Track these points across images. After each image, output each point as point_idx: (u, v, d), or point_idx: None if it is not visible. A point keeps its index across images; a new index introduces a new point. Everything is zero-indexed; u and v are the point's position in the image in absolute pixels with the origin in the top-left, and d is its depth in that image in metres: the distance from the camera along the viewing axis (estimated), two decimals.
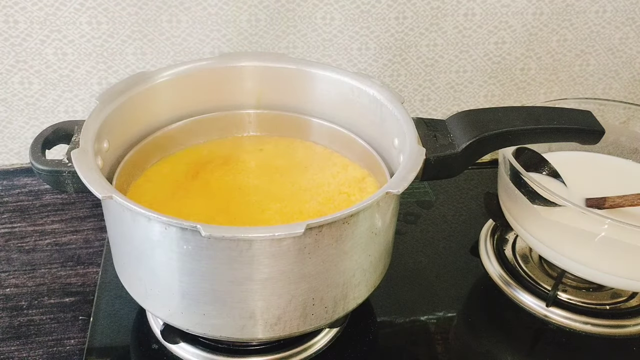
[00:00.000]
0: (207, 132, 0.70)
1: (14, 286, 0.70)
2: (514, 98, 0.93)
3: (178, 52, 0.82)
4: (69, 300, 0.69)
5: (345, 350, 0.64)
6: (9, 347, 0.63)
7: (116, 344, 0.64)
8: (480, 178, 0.86)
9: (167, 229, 0.50)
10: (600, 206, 0.68)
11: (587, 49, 0.90)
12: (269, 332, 0.55)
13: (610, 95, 0.94)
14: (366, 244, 0.55)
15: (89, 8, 0.78)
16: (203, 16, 0.80)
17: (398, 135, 0.61)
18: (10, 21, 0.77)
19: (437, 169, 0.59)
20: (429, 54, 0.87)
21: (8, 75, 0.81)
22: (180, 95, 0.67)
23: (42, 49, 0.80)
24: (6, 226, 0.77)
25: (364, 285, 0.58)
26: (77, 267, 0.72)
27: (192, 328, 0.56)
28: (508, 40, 0.88)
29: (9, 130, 0.85)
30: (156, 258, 0.53)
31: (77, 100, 0.84)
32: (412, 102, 0.91)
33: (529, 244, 0.69)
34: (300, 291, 0.53)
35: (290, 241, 0.50)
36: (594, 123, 0.62)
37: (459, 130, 0.60)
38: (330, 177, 0.67)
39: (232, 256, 0.50)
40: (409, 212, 0.81)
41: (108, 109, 0.60)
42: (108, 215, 0.58)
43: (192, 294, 0.53)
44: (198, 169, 0.67)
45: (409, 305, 0.69)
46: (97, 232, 0.77)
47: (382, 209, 0.55)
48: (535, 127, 0.61)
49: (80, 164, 0.53)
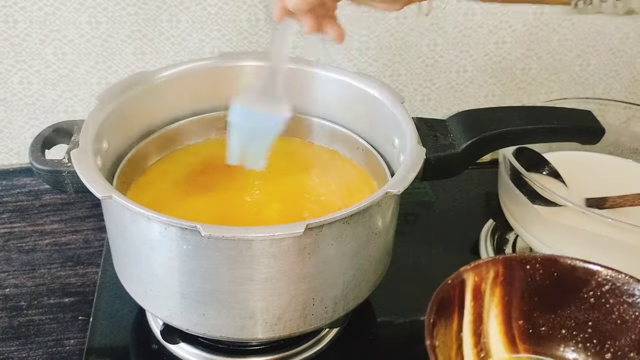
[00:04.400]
0: (207, 132, 0.70)
1: (13, 286, 0.70)
2: (514, 98, 0.93)
3: (178, 52, 0.82)
4: (69, 300, 0.68)
5: (345, 350, 0.64)
6: (9, 347, 0.63)
7: (116, 344, 0.63)
8: (480, 178, 0.86)
9: (166, 229, 0.50)
10: (600, 206, 0.68)
11: (587, 49, 0.90)
12: (269, 332, 0.55)
13: (610, 95, 0.94)
14: (366, 244, 0.55)
15: (89, 8, 0.78)
16: (203, 16, 0.80)
17: (398, 135, 0.61)
18: (9, 21, 0.77)
19: (437, 169, 0.59)
20: (429, 54, 0.87)
21: (8, 75, 0.81)
22: (180, 95, 0.67)
23: (41, 49, 0.80)
24: (6, 226, 0.77)
25: (364, 285, 0.58)
26: (76, 267, 0.72)
27: (191, 328, 0.56)
28: (508, 40, 0.88)
29: (8, 130, 0.85)
30: (156, 258, 0.53)
31: (76, 100, 0.84)
32: (412, 102, 0.91)
33: (529, 244, 0.69)
34: (300, 291, 0.53)
35: (290, 241, 0.50)
36: (594, 123, 0.62)
37: (459, 130, 0.60)
38: (331, 177, 0.67)
39: (232, 256, 0.50)
40: (409, 212, 0.81)
41: (108, 109, 0.60)
42: (108, 215, 0.57)
43: (191, 294, 0.53)
44: (198, 169, 0.67)
45: (409, 305, 0.69)
46: (97, 232, 0.77)
47: (382, 209, 0.55)
48: (536, 127, 0.61)
49: (80, 164, 0.53)
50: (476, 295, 0.44)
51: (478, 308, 0.44)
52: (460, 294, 0.43)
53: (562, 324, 0.44)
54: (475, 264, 0.46)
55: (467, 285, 0.43)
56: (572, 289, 0.43)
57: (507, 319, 0.45)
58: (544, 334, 0.44)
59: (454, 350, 0.43)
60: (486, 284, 0.44)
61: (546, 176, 0.72)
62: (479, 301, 0.44)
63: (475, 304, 0.44)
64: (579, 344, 0.44)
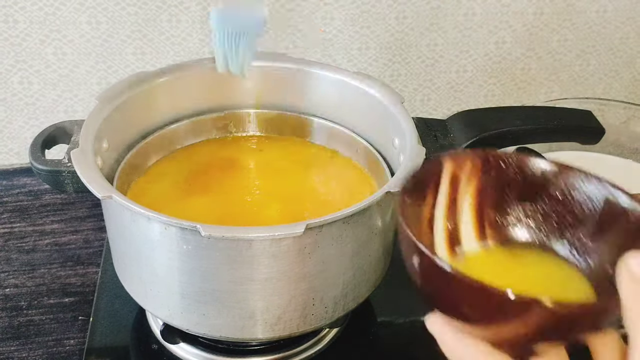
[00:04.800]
0: (207, 132, 0.70)
1: (13, 286, 0.70)
2: (514, 98, 0.93)
3: (178, 52, 0.82)
4: (69, 300, 0.68)
5: (345, 350, 0.64)
6: (9, 347, 0.63)
7: (116, 344, 0.63)
8: None
9: (166, 229, 0.50)
10: None
11: (587, 49, 0.90)
12: (269, 332, 0.55)
13: (610, 95, 0.94)
14: (366, 244, 0.55)
15: (89, 8, 0.78)
16: (203, 16, 0.80)
17: (398, 135, 0.61)
18: (9, 21, 0.77)
19: None
20: (429, 54, 0.87)
21: (8, 75, 0.81)
22: (180, 95, 0.67)
23: (41, 49, 0.80)
24: (6, 226, 0.77)
25: (364, 285, 0.58)
26: (76, 267, 0.72)
27: (191, 328, 0.56)
28: (508, 40, 0.88)
29: (8, 130, 0.85)
30: (156, 258, 0.53)
31: (76, 100, 0.84)
32: (412, 102, 0.91)
33: None
34: (300, 291, 0.53)
35: (290, 241, 0.50)
36: (594, 123, 0.62)
37: (459, 130, 0.60)
38: (331, 177, 0.67)
39: (232, 256, 0.50)
40: None
41: (108, 109, 0.60)
42: (108, 215, 0.57)
43: (191, 294, 0.53)
44: (198, 169, 0.67)
45: (409, 305, 0.69)
46: (97, 232, 0.77)
47: (382, 209, 0.55)
48: (536, 127, 0.61)
49: (80, 164, 0.53)
50: (453, 181, 0.45)
51: (453, 194, 0.45)
52: (436, 178, 0.45)
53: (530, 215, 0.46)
54: (455, 152, 0.50)
55: (444, 171, 0.45)
56: (541, 185, 0.46)
57: (479, 207, 0.46)
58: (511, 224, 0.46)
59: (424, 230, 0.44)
60: (463, 173, 0.45)
61: None
62: (455, 187, 0.45)
63: (451, 190, 0.45)
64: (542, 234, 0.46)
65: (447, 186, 0.45)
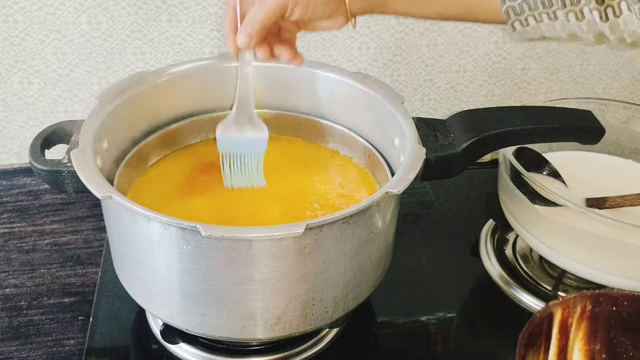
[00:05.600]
0: (207, 132, 0.70)
1: (13, 286, 0.70)
2: (514, 98, 0.93)
3: (178, 52, 0.82)
4: (69, 300, 0.68)
5: (345, 350, 0.64)
6: (9, 347, 0.63)
7: (116, 344, 0.63)
8: (480, 178, 0.86)
9: (166, 229, 0.50)
10: (600, 206, 0.68)
11: (587, 49, 0.90)
12: (269, 332, 0.55)
13: (610, 95, 0.94)
14: (366, 244, 0.55)
15: (89, 8, 0.78)
16: (203, 16, 0.80)
17: (398, 135, 0.61)
18: (9, 21, 0.77)
19: (437, 169, 0.59)
20: (429, 54, 0.87)
21: (7, 75, 0.81)
22: (180, 95, 0.67)
23: (41, 49, 0.80)
24: (5, 226, 0.77)
25: (364, 285, 0.58)
26: (76, 267, 0.72)
27: (191, 328, 0.56)
28: (508, 40, 0.88)
29: (8, 130, 0.85)
30: (156, 258, 0.53)
31: (76, 100, 0.84)
32: (412, 102, 0.91)
33: (529, 244, 0.69)
34: (300, 291, 0.53)
35: (290, 241, 0.50)
36: (594, 123, 0.62)
37: (459, 130, 0.60)
38: (331, 177, 0.66)
39: (232, 256, 0.50)
40: (409, 212, 0.81)
41: (107, 109, 0.60)
42: (108, 215, 0.57)
43: (191, 294, 0.53)
44: (198, 168, 0.67)
45: (409, 305, 0.69)
46: (97, 232, 0.77)
47: (382, 209, 0.55)
48: (536, 127, 0.61)
49: (80, 164, 0.53)
50: (562, 329, 0.45)
51: (563, 342, 0.45)
52: (548, 327, 0.44)
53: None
54: (564, 298, 0.48)
55: (554, 319, 0.44)
56: None
57: (590, 353, 0.45)
58: None
59: None
60: (573, 318, 0.45)
61: (546, 176, 0.72)
62: (565, 335, 0.45)
63: (560, 337, 0.45)
64: None
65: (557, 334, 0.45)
